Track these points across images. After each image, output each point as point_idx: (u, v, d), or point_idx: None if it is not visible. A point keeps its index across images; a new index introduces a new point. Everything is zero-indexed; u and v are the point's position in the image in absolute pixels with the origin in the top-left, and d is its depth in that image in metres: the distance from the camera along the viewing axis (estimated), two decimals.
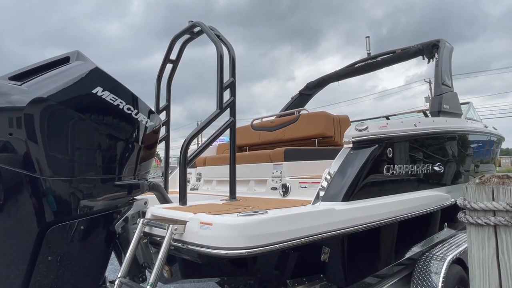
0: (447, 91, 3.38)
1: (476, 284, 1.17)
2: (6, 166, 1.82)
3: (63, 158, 1.87)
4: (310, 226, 1.61)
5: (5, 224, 1.85)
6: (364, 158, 2.11)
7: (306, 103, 5.38)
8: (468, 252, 1.24)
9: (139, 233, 1.68)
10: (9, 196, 1.85)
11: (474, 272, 1.19)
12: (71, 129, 1.89)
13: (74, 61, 1.97)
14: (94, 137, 2.03)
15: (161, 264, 1.41)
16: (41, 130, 1.80)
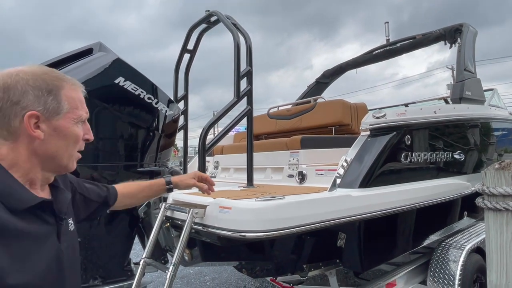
0: (469, 77, 3.28)
1: (494, 269, 1.17)
2: None
3: (88, 145, 1.96)
4: (326, 211, 1.64)
5: None
6: (382, 145, 2.10)
7: (323, 91, 5.34)
8: (485, 237, 1.24)
9: (161, 216, 1.76)
10: None
11: (491, 257, 1.19)
12: (96, 118, 1.98)
13: (97, 52, 2.05)
14: (116, 125, 2.12)
15: (183, 245, 1.48)
16: None
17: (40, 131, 0.78)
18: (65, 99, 0.82)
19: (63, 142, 0.82)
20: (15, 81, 0.77)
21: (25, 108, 0.76)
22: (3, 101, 0.75)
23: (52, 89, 0.80)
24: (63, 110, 0.81)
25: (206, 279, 4.32)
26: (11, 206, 0.72)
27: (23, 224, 0.72)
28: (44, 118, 0.78)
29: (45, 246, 0.77)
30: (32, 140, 0.78)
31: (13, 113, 0.76)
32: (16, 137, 0.77)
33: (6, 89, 0.76)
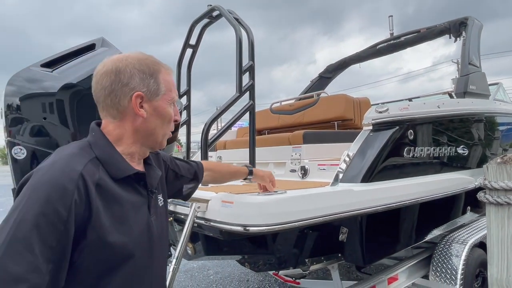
0: (474, 71, 3.25)
1: (494, 263, 1.17)
2: (42, 148, 1.95)
3: None
4: (328, 206, 1.64)
5: None
6: (384, 140, 2.10)
7: (326, 86, 5.32)
8: (487, 231, 1.24)
9: None
10: None
11: (492, 251, 1.19)
12: (95, 110, 1.99)
13: (100, 48, 2.05)
14: None
15: (185, 239, 1.50)
16: (71, 114, 1.91)
17: (144, 110, 0.86)
18: (162, 82, 0.90)
19: (160, 121, 0.90)
20: (125, 65, 0.85)
21: (133, 89, 0.85)
22: (115, 83, 0.84)
23: (153, 72, 0.88)
24: (161, 92, 0.90)
25: (210, 273, 4.36)
26: (113, 174, 0.81)
27: (122, 191, 0.82)
28: (146, 99, 0.87)
29: (138, 214, 0.85)
30: (136, 118, 0.87)
31: (123, 94, 0.84)
32: (124, 115, 0.86)
33: (118, 73, 0.84)
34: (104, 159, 0.82)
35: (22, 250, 0.63)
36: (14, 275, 0.61)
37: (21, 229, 0.64)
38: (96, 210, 0.73)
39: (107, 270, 0.77)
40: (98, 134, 0.86)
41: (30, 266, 0.63)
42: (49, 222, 0.66)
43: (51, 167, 0.74)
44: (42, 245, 0.65)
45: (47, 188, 0.69)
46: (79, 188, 0.71)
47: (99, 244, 0.74)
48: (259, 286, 3.89)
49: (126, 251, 0.79)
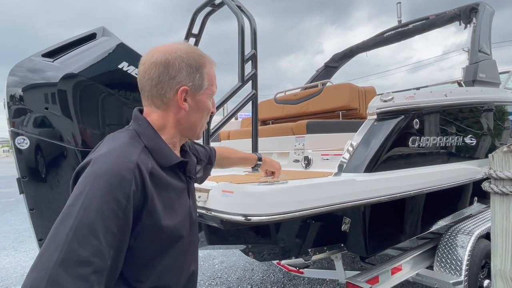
0: (484, 59, 3.16)
1: (498, 254, 1.15)
2: (46, 138, 1.96)
3: (95, 131, 1.98)
4: (329, 196, 1.63)
5: (48, 193, 2.02)
6: (389, 129, 2.06)
7: (332, 75, 5.24)
8: (491, 221, 1.21)
9: None
10: (50, 168, 2.01)
11: (496, 241, 1.16)
12: (101, 103, 1.99)
13: (101, 37, 2.04)
14: (122, 111, 2.13)
15: None
16: (73, 105, 1.91)
17: (187, 104, 0.90)
18: (206, 77, 0.92)
19: (200, 114, 0.94)
20: (174, 57, 0.87)
21: (179, 83, 0.87)
22: (163, 75, 0.86)
23: (199, 67, 0.90)
24: (204, 86, 0.92)
25: (215, 262, 4.41)
26: (161, 162, 0.85)
27: (169, 178, 0.86)
28: (191, 93, 0.90)
29: (182, 199, 0.90)
30: (179, 110, 0.90)
31: (169, 87, 0.87)
32: (168, 107, 0.89)
33: (167, 65, 0.86)
34: (153, 148, 0.85)
35: (88, 235, 0.66)
36: (81, 258, 0.64)
37: (87, 215, 0.67)
38: (151, 197, 0.78)
39: (159, 251, 0.82)
40: (145, 123, 0.89)
41: (95, 250, 0.66)
42: (110, 210, 0.70)
43: (109, 156, 0.77)
44: (105, 231, 0.68)
45: (108, 177, 0.72)
46: (136, 177, 0.75)
47: (154, 228, 0.78)
48: (264, 275, 3.92)
49: (175, 233, 0.84)
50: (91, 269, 0.65)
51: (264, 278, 3.82)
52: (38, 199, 1.97)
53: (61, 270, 0.62)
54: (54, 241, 0.65)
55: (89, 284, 0.65)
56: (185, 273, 0.91)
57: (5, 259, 4.78)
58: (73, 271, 0.63)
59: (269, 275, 3.90)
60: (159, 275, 0.83)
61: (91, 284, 0.65)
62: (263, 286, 3.62)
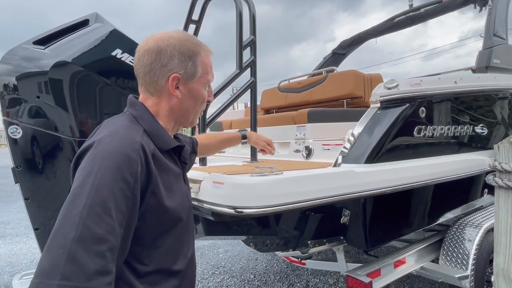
0: (499, 44, 2.99)
1: (501, 252, 1.07)
2: (39, 128, 1.94)
3: (89, 120, 1.95)
4: (325, 188, 1.56)
5: (45, 184, 2.01)
6: (393, 118, 1.96)
7: (339, 63, 5.09)
8: (495, 217, 1.13)
9: None
10: (45, 158, 1.99)
11: (499, 239, 1.08)
12: (94, 92, 1.95)
13: (93, 24, 1.98)
14: (116, 99, 2.09)
15: None
16: (66, 93, 1.88)
17: (179, 92, 0.90)
18: (200, 65, 0.92)
19: (193, 102, 0.94)
20: (166, 45, 0.87)
21: (171, 70, 0.88)
22: (155, 62, 0.87)
23: (192, 55, 0.90)
24: (197, 75, 0.92)
25: (220, 251, 4.42)
26: (159, 146, 0.86)
27: (167, 161, 0.87)
28: (183, 81, 0.90)
29: (179, 183, 0.91)
30: (171, 98, 0.91)
31: (161, 74, 0.88)
32: (160, 94, 0.90)
33: (159, 52, 0.87)
34: (151, 132, 0.86)
35: (102, 213, 0.67)
36: (97, 235, 0.65)
37: (99, 193, 0.68)
38: (155, 178, 0.79)
39: (162, 232, 0.84)
40: (142, 108, 0.90)
41: (109, 228, 0.67)
42: (120, 189, 0.70)
43: (113, 138, 0.77)
44: (116, 210, 0.69)
45: (115, 157, 0.73)
46: (141, 157, 0.76)
47: (157, 209, 0.80)
48: (267, 265, 3.91)
49: (176, 215, 0.86)
50: (107, 246, 0.66)
51: (267, 268, 3.81)
52: (34, 189, 1.96)
53: (79, 248, 0.62)
54: (68, 221, 0.65)
55: (106, 261, 0.65)
56: (185, 256, 0.92)
57: (16, 246, 4.91)
58: (90, 248, 0.64)
59: (272, 265, 3.88)
60: (161, 257, 0.84)
61: (107, 261, 0.66)
62: (266, 276, 3.61)
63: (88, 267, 0.62)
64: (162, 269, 0.85)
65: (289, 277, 3.54)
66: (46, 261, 0.62)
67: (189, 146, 1.26)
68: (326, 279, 3.44)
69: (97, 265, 0.63)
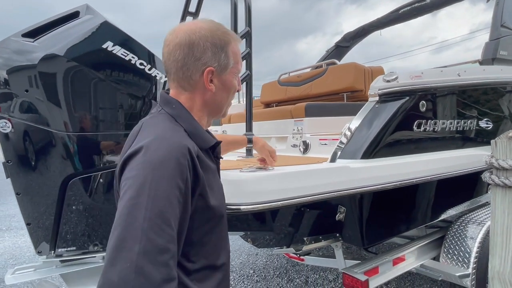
0: (507, 35, 2.87)
1: (497, 254, 1.01)
2: (30, 123, 1.91)
3: (81, 114, 1.92)
4: (319, 184, 1.51)
5: (38, 179, 2.00)
6: (391, 112, 1.90)
7: (343, 56, 5.00)
8: (491, 217, 1.07)
9: None
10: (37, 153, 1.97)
11: (495, 240, 1.02)
12: (85, 85, 1.92)
13: (84, 16, 1.94)
14: (109, 94, 2.05)
15: None
16: (56, 87, 1.85)
17: (213, 85, 0.89)
18: (231, 55, 0.90)
19: (226, 94, 0.93)
20: (198, 37, 0.85)
21: (205, 64, 0.86)
22: (188, 56, 0.85)
23: (224, 45, 0.88)
24: (230, 66, 0.90)
25: None
26: (200, 145, 0.85)
27: (206, 160, 0.86)
28: (216, 74, 0.88)
29: (216, 179, 0.91)
30: (205, 91, 0.89)
31: (195, 68, 0.86)
32: (194, 88, 0.88)
33: (191, 46, 0.84)
34: (191, 132, 0.85)
35: (161, 224, 0.68)
36: (160, 247, 0.67)
37: (156, 204, 0.68)
38: (202, 179, 0.79)
39: (209, 229, 0.85)
40: (180, 107, 0.88)
41: (170, 237, 0.69)
42: (175, 196, 0.71)
43: (160, 143, 0.76)
44: (174, 218, 0.70)
45: (167, 165, 0.72)
46: (188, 161, 0.76)
47: (204, 209, 0.81)
48: (267, 260, 3.89)
49: (219, 213, 0.87)
50: (169, 255, 0.68)
51: (267, 264, 3.79)
52: (26, 184, 1.94)
53: (145, 260, 0.64)
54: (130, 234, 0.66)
55: (170, 269, 0.68)
56: (226, 250, 0.94)
57: (21, 239, 4.97)
58: (155, 259, 0.65)
59: (272, 261, 3.86)
60: (207, 254, 0.86)
61: (170, 268, 0.68)
62: (265, 271, 3.58)
63: (155, 277, 0.64)
64: (209, 265, 0.86)
65: (288, 272, 3.52)
66: (114, 275, 0.63)
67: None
68: (326, 275, 3.40)
69: (162, 274, 0.66)
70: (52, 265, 2.09)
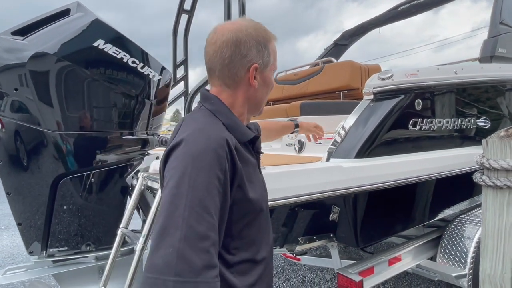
0: (506, 32, 2.83)
1: (488, 256, 0.98)
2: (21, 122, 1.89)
3: (69, 113, 1.90)
4: (311, 184, 1.49)
5: (29, 179, 1.98)
6: (386, 111, 1.87)
7: (342, 54, 4.96)
8: (482, 219, 1.04)
9: (139, 186, 1.70)
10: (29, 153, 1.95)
11: (486, 243, 1.00)
12: (76, 84, 1.90)
13: (75, 13, 1.92)
14: (101, 92, 2.03)
15: (152, 217, 1.41)
16: (46, 85, 1.83)
17: (256, 81, 0.91)
18: (271, 52, 0.93)
19: (266, 90, 0.96)
20: (245, 35, 0.87)
21: (250, 61, 0.88)
22: (235, 54, 0.87)
23: (266, 43, 0.91)
24: (270, 62, 0.93)
25: None
26: (238, 138, 0.87)
27: (246, 154, 0.88)
28: (260, 70, 0.91)
29: (256, 173, 0.92)
30: (248, 88, 0.91)
31: (241, 65, 0.88)
32: (238, 85, 0.90)
33: (238, 43, 0.86)
34: (230, 125, 0.87)
35: (201, 212, 0.70)
36: (200, 234, 0.69)
37: (196, 193, 0.71)
38: (240, 171, 0.81)
39: (248, 222, 0.86)
40: (218, 102, 0.90)
41: (210, 225, 0.71)
42: (214, 186, 0.73)
43: (199, 136, 0.79)
44: (214, 207, 0.72)
45: (206, 156, 0.75)
46: (227, 153, 0.78)
47: (243, 201, 0.82)
48: None
49: (258, 206, 0.87)
50: (210, 242, 0.70)
51: None
52: (17, 184, 1.93)
53: (186, 246, 0.67)
54: (171, 221, 0.69)
55: (210, 256, 0.70)
56: (267, 244, 0.94)
57: (19, 237, 4.97)
58: (196, 245, 0.68)
59: None
60: (247, 247, 0.87)
61: (211, 255, 0.70)
62: None
63: (196, 263, 0.67)
64: (249, 259, 0.87)
65: (285, 272, 3.50)
66: (159, 259, 0.67)
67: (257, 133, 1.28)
68: (323, 275, 3.38)
69: (203, 261, 0.68)
70: (44, 265, 2.08)
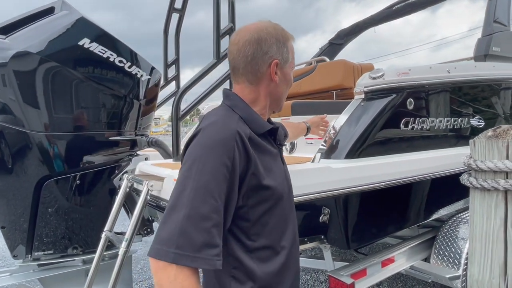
0: (500, 30, 2.81)
1: (476, 261, 0.95)
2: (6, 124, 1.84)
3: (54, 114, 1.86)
4: (300, 185, 1.44)
5: (14, 181, 1.94)
6: (378, 110, 1.84)
7: (337, 53, 4.92)
8: (469, 222, 1.01)
9: (124, 188, 1.66)
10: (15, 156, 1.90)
11: (474, 246, 0.96)
12: (61, 84, 1.86)
13: (60, 12, 1.88)
14: (87, 92, 1.99)
15: (136, 221, 1.37)
16: (30, 85, 1.79)
17: (277, 77, 0.96)
18: (290, 50, 0.99)
19: (285, 86, 1.01)
20: (266, 33, 0.94)
21: (271, 57, 0.94)
22: (257, 51, 0.93)
23: (285, 41, 0.97)
24: (289, 59, 0.99)
25: None
26: (255, 129, 0.92)
27: (264, 143, 0.94)
28: (280, 66, 0.96)
29: (277, 163, 0.97)
30: (270, 83, 0.96)
31: (263, 61, 0.93)
32: (260, 81, 0.95)
33: (260, 41, 0.93)
34: (246, 118, 0.92)
35: (206, 194, 0.77)
36: (203, 214, 0.75)
37: (203, 177, 0.78)
38: (254, 160, 0.85)
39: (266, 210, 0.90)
40: (236, 98, 0.96)
41: (212, 207, 0.77)
42: (220, 172, 0.79)
43: (212, 127, 0.87)
44: (219, 191, 0.78)
45: (214, 144, 0.82)
46: (237, 142, 0.83)
47: (259, 188, 0.86)
48: None
49: (277, 193, 0.91)
50: (212, 223, 0.76)
51: None
52: (1, 186, 1.89)
53: (188, 224, 0.74)
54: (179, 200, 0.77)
55: (211, 236, 0.75)
56: (290, 234, 0.97)
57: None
58: (197, 224, 0.75)
59: None
60: (268, 234, 0.90)
61: (212, 235, 0.76)
62: None
63: (196, 240, 0.74)
64: (270, 246, 0.91)
65: None
66: (164, 232, 0.75)
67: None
68: (317, 276, 3.35)
69: (203, 239, 0.74)
70: (29, 269, 2.04)
